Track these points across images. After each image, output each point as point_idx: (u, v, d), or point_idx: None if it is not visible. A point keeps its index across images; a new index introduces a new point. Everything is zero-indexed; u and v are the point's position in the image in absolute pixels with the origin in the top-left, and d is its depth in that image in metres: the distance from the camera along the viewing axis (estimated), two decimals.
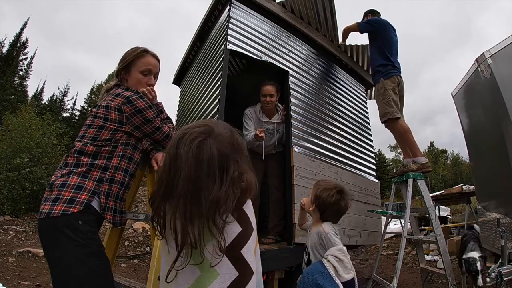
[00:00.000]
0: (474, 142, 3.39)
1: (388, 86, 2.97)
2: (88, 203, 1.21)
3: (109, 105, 1.34)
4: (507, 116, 2.36)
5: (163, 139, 1.47)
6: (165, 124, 1.49)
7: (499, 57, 2.50)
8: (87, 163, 1.27)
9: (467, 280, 2.88)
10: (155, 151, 1.62)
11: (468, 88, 3.11)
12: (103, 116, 1.33)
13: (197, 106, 3.15)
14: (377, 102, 3.08)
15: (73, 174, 1.24)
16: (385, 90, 2.96)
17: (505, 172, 2.49)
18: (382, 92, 2.98)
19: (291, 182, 2.64)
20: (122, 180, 1.37)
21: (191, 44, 3.72)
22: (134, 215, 1.71)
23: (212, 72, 2.79)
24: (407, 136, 2.93)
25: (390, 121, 2.94)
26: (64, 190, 1.19)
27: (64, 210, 1.14)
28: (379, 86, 3.03)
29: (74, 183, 1.21)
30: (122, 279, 1.55)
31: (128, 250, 5.82)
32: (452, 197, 7.13)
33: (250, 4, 2.84)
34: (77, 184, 1.22)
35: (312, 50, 3.43)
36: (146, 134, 1.43)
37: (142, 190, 7.76)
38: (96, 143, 1.30)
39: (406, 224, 2.74)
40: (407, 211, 2.68)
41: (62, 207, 1.15)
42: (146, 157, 1.62)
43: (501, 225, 3.90)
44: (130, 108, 1.34)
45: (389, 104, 2.92)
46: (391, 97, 2.93)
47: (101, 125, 1.32)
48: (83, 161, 1.27)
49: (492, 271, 2.35)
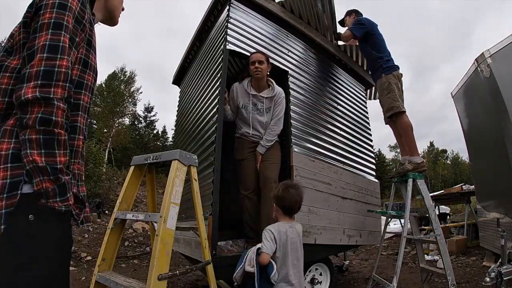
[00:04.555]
0: (474, 142, 3.39)
1: (391, 80, 2.98)
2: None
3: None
4: (507, 116, 2.36)
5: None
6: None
7: (499, 56, 2.51)
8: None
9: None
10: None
11: (468, 88, 3.12)
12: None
13: (196, 106, 3.15)
14: (381, 96, 3.07)
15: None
16: (389, 84, 2.96)
17: (505, 172, 2.49)
18: (386, 87, 2.98)
19: None
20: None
21: (190, 44, 3.71)
22: (134, 215, 1.71)
23: (211, 72, 2.79)
24: (410, 132, 2.94)
25: (395, 115, 2.94)
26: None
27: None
28: (382, 81, 3.02)
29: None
30: (122, 279, 1.55)
31: (128, 250, 5.82)
32: (452, 196, 7.14)
33: (250, 4, 2.84)
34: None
35: (312, 50, 3.42)
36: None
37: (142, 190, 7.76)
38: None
39: (406, 224, 2.74)
40: (407, 211, 2.68)
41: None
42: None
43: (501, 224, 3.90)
44: None
45: (395, 98, 2.92)
46: (396, 91, 2.94)
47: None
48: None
49: (492, 271, 2.35)
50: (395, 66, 3.07)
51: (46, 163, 0.80)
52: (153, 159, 1.79)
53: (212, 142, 2.40)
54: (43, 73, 0.79)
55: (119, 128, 22.68)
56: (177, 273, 1.48)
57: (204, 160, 2.53)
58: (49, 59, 0.80)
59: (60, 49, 0.82)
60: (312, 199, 2.74)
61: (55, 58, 0.81)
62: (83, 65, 0.93)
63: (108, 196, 9.22)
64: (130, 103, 23.85)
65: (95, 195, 8.50)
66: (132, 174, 1.87)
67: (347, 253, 4.80)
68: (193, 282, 3.92)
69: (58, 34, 0.83)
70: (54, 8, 0.84)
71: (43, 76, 0.79)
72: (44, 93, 0.78)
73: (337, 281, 3.85)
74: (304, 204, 2.66)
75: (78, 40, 0.90)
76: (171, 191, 1.51)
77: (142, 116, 29.33)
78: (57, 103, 0.80)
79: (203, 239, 1.71)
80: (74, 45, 0.88)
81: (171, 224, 1.46)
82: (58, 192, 0.83)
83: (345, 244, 3.13)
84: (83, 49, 0.93)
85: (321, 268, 2.94)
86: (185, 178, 1.64)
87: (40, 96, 0.78)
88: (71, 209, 0.89)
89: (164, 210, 1.46)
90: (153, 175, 2.02)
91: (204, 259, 1.70)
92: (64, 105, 0.82)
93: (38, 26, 0.83)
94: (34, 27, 0.84)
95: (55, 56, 0.81)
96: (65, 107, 0.83)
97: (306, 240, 2.61)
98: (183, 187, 1.60)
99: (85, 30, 0.92)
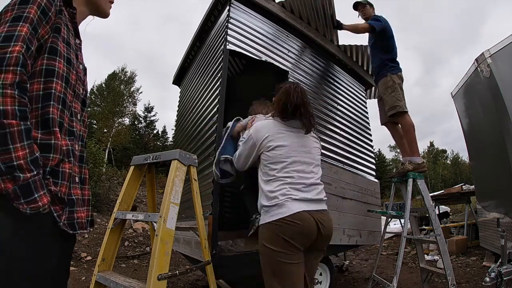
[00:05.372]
0: (474, 142, 3.39)
1: (396, 80, 2.99)
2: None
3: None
4: (507, 116, 2.36)
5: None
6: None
7: (498, 56, 2.51)
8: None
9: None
10: None
11: (468, 88, 3.12)
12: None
13: (197, 106, 3.15)
14: (384, 95, 3.07)
15: None
16: (394, 83, 2.98)
17: (505, 172, 2.49)
18: (390, 85, 2.99)
19: None
20: None
21: (190, 44, 3.71)
22: (134, 215, 1.71)
23: (211, 72, 2.79)
24: (412, 131, 2.94)
25: (398, 115, 2.94)
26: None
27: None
28: (387, 79, 3.02)
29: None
30: (122, 279, 1.55)
31: (128, 250, 5.82)
32: (452, 196, 7.14)
33: (250, 4, 2.84)
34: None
35: (312, 50, 3.42)
36: None
37: (142, 190, 7.77)
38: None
39: (406, 224, 2.74)
40: (407, 211, 2.68)
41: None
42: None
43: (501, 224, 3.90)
44: None
45: (398, 97, 2.94)
46: (399, 91, 2.96)
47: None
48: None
49: (492, 271, 2.36)
50: (400, 68, 3.09)
51: (0, 162, 0.71)
52: (153, 159, 1.79)
53: (212, 142, 2.40)
54: None
55: (119, 128, 22.66)
56: (177, 273, 1.48)
57: (204, 160, 2.53)
58: (1, 47, 0.74)
59: (15, 37, 0.76)
60: None
61: (7, 45, 0.75)
62: (50, 53, 0.86)
63: (108, 196, 9.22)
64: (130, 103, 23.84)
65: (95, 195, 8.51)
66: (132, 174, 1.87)
67: (347, 253, 4.80)
68: (193, 282, 3.92)
69: (15, 25, 0.77)
70: (15, 5, 0.80)
71: None
72: None
73: (337, 281, 3.85)
74: None
75: (43, 31, 0.84)
76: (170, 191, 1.51)
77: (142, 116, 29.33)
78: (3, 90, 0.71)
79: (203, 239, 1.71)
80: (37, 35, 0.82)
81: (171, 224, 1.46)
82: (20, 193, 0.73)
83: (345, 244, 3.13)
84: (49, 38, 0.86)
85: (321, 268, 2.94)
86: (185, 178, 1.64)
87: None
88: (44, 211, 0.78)
89: (164, 210, 1.46)
90: (153, 175, 2.02)
91: (204, 259, 1.70)
92: (14, 91, 0.73)
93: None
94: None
95: (8, 44, 0.75)
96: (15, 93, 0.73)
97: None
98: (183, 187, 1.60)
99: (50, 22, 0.86)
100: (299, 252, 1.38)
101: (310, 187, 1.49)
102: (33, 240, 0.78)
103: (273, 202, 1.40)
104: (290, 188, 1.42)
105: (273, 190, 1.43)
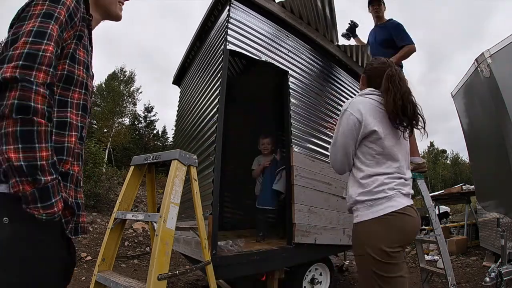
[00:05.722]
0: (474, 142, 3.39)
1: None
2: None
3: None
4: (507, 116, 2.36)
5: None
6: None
7: (498, 56, 2.51)
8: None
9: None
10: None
11: (468, 88, 3.12)
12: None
13: (197, 106, 3.15)
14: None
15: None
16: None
17: (505, 172, 2.49)
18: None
19: (290, 182, 2.64)
20: None
21: (190, 44, 3.72)
22: (134, 215, 1.71)
23: (212, 72, 2.79)
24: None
25: None
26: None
27: None
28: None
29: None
30: (122, 279, 1.55)
31: (128, 250, 5.82)
32: (452, 196, 7.14)
33: (250, 4, 2.84)
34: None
35: (312, 50, 3.42)
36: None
37: (142, 190, 7.76)
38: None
39: None
40: None
41: None
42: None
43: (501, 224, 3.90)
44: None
45: None
46: None
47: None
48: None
49: (492, 271, 2.36)
50: (402, 65, 3.08)
51: (23, 161, 0.68)
52: (153, 159, 1.79)
53: (212, 142, 2.40)
54: (26, 55, 0.70)
55: (119, 128, 22.66)
56: (177, 273, 1.48)
57: (204, 160, 2.53)
58: (34, 43, 0.72)
59: (48, 35, 0.74)
60: (312, 199, 2.74)
61: (41, 42, 0.73)
62: (71, 60, 0.85)
63: (108, 196, 9.22)
64: (130, 103, 23.85)
65: (95, 195, 8.51)
66: (132, 174, 1.87)
67: (347, 253, 4.80)
68: (193, 282, 3.92)
69: (47, 22, 0.75)
70: (46, 1, 0.78)
71: (26, 57, 0.70)
72: (24, 75, 0.69)
73: (337, 281, 3.85)
74: (304, 204, 2.67)
75: (66, 36, 0.83)
76: (170, 191, 1.51)
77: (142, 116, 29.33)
78: (36, 87, 0.70)
79: (203, 239, 1.70)
80: (60, 40, 0.81)
81: (171, 224, 1.46)
82: (38, 197, 0.70)
83: (345, 244, 3.13)
84: (71, 44, 0.86)
85: (321, 268, 2.94)
86: (185, 178, 1.64)
87: (20, 78, 0.68)
88: (57, 218, 0.75)
89: (164, 210, 1.46)
90: (153, 175, 2.02)
91: (204, 259, 1.70)
92: (45, 91, 0.72)
93: (28, 16, 0.76)
94: (22, 16, 0.76)
95: (41, 41, 0.73)
96: (46, 93, 0.72)
97: (306, 240, 2.62)
98: (183, 187, 1.60)
99: (74, 28, 0.86)
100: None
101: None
102: (44, 248, 0.75)
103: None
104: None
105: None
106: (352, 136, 1.38)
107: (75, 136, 0.86)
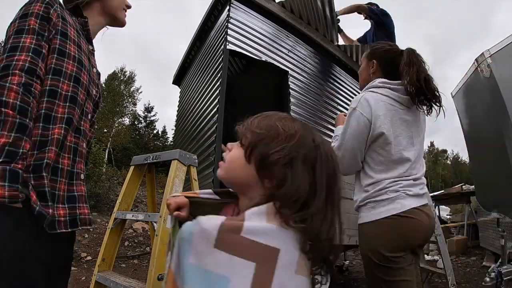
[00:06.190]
0: (474, 142, 3.39)
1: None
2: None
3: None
4: (507, 116, 2.36)
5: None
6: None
7: (498, 56, 2.51)
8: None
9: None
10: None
11: (468, 88, 3.12)
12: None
13: (197, 106, 3.15)
14: None
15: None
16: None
17: (505, 172, 2.49)
18: None
19: None
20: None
21: (190, 44, 3.72)
22: (133, 215, 1.71)
23: (212, 72, 2.79)
24: None
25: None
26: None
27: None
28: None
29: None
30: (122, 279, 1.55)
31: (128, 250, 5.82)
32: (452, 197, 7.13)
33: (250, 4, 2.84)
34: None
35: (312, 50, 3.43)
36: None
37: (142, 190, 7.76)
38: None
39: None
40: None
41: None
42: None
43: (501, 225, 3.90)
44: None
45: None
46: None
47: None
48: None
49: (492, 271, 2.36)
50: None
51: None
52: (153, 159, 1.79)
53: (212, 142, 2.40)
54: (2, 68, 0.81)
55: (119, 128, 22.67)
56: None
57: (204, 160, 2.53)
58: (8, 57, 0.83)
59: (19, 48, 0.84)
60: None
61: (13, 55, 0.83)
62: (59, 54, 0.92)
63: (108, 196, 9.22)
64: (130, 103, 23.87)
65: (95, 195, 8.50)
66: (132, 174, 1.88)
67: (347, 253, 4.80)
68: None
69: (19, 37, 0.86)
70: (16, 21, 0.89)
71: (1, 69, 0.80)
72: (0, 81, 0.79)
73: (337, 281, 3.85)
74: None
75: (47, 33, 0.91)
76: (170, 191, 1.51)
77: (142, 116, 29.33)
78: (10, 85, 0.78)
79: None
80: (44, 39, 0.89)
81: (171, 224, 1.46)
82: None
83: (345, 244, 3.13)
84: (57, 40, 0.92)
85: (320, 268, 2.94)
86: (185, 178, 1.64)
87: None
88: (8, 203, 0.72)
89: (163, 210, 1.46)
90: (153, 175, 2.02)
91: None
92: (19, 88, 0.80)
93: (6, 38, 0.88)
94: (6, 38, 0.89)
95: (14, 53, 0.83)
96: (20, 90, 0.79)
97: None
98: (182, 187, 1.60)
99: (50, 23, 0.92)
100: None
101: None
102: (24, 238, 0.76)
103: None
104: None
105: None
106: (362, 138, 1.29)
107: (61, 128, 0.88)
